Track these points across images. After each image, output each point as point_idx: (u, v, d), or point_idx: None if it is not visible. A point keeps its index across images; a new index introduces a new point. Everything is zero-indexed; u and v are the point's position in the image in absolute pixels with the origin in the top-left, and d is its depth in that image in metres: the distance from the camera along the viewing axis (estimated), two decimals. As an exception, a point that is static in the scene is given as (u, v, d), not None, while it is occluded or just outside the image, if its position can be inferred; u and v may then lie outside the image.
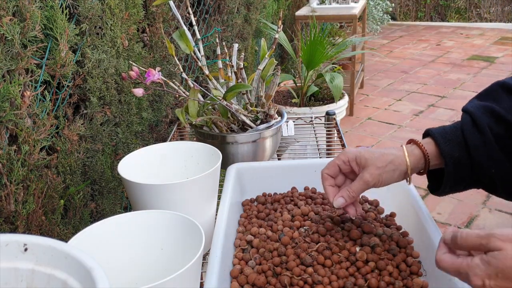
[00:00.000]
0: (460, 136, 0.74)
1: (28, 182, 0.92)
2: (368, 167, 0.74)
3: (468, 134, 0.73)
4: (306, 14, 3.47)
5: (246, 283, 0.73)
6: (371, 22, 4.74)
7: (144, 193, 0.82)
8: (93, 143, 1.16)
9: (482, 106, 0.75)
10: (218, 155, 0.92)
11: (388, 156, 0.75)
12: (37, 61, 0.96)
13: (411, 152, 0.75)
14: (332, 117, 1.50)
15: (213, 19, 2.09)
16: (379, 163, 0.74)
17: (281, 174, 0.99)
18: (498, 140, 0.72)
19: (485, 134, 0.72)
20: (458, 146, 0.73)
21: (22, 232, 0.91)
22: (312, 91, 2.57)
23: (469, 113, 0.75)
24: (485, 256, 0.53)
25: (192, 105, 1.04)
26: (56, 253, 0.45)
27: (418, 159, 0.75)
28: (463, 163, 0.73)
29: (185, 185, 0.82)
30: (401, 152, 0.76)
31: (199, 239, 0.66)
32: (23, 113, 0.90)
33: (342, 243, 0.77)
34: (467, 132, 0.73)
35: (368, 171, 0.74)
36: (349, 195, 0.75)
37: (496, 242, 0.53)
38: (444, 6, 7.01)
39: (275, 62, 1.11)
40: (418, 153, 0.75)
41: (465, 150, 0.73)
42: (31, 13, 0.89)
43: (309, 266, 0.73)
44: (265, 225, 0.85)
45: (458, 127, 0.75)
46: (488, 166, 0.72)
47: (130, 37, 1.28)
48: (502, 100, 0.74)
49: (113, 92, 1.22)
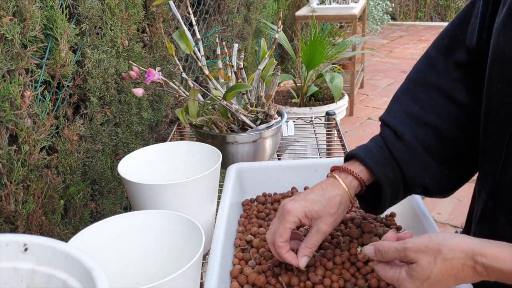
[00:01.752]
0: (387, 154, 0.72)
1: (28, 182, 0.92)
2: (321, 217, 0.70)
3: (395, 151, 0.71)
4: (306, 14, 3.47)
5: (246, 283, 0.73)
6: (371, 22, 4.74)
7: (144, 193, 0.82)
8: (93, 143, 1.16)
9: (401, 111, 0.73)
10: (218, 155, 0.92)
11: (335, 199, 0.70)
12: (37, 61, 0.96)
13: (350, 185, 0.72)
14: (332, 117, 1.50)
15: (213, 19, 2.09)
16: (331, 209, 0.70)
17: (281, 174, 0.99)
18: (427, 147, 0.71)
19: (411, 146, 0.71)
20: (389, 166, 0.71)
21: (22, 232, 0.91)
22: (312, 91, 2.57)
23: (389, 126, 0.73)
24: (407, 269, 0.57)
25: (192, 105, 1.04)
26: (56, 253, 0.45)
27: (356, 189, 0.73)
28: (398, 180, 0.72)
29: (185, 185, 0.82)
30: (341, 188, 0.71)
31: (199, 239, 0.66)
32: (23, 113, 0.90)
33: (346, 245, 0.77)
34: (392, 148, 0.72)
35: (323, 222, 0.70)
36: (310, 251, 0.70)
37: (410, 255, 0.56)
38: (444, 6, 7.01)
39: (275, 62, 1.11)
40: (356, 184, 0.72)
41: (397, 167, 0.71)
42: (31, 13, 0.89)
43: (310, 267, 0.73)
44: (265, 225, 0.85)
45: (382, 145, 0.73)
46: (422, 176, 0.71)
47: (130, 37, 1.28)
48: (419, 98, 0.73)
49: (113, 92, 1.22)
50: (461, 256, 0.53)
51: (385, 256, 0.60)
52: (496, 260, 0.52)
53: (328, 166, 0.95)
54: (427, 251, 0.55)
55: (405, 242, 0.57)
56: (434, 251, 0.55)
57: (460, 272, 0.54)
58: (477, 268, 0.53)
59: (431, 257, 0.55)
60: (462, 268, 0.54)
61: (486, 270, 0.53)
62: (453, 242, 0.55)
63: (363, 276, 0.72)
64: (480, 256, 0.52)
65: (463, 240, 0.54)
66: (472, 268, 0.53)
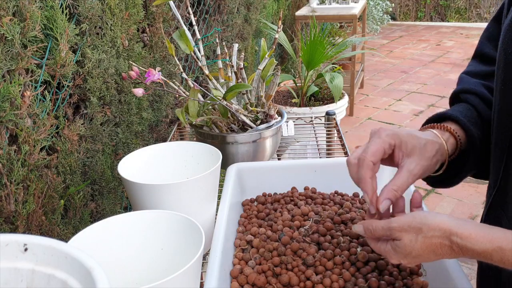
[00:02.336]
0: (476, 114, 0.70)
1: (28, 182, 0.92)
2: (415, 156, 0.63)
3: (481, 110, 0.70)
4: (306, 14, 3.47)
5: (246, 283, 0.73)
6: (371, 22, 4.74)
7: (144, 193, 0.82)
8: (93, 143, 1.16)
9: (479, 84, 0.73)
10: (218, 155, 0.92)
11: (435, 145, 0.64)
12: (37, 61, 0.96)
13: (448, 141, 0.67)
14: (332, 117, 1.50)
15: (213, 19, 2.09)
16: (428, 152, 0.63)
17: (281, 174, 0.99)
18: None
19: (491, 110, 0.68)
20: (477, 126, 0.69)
21: (22, 232, 0.91)
22: (312, 91, 2.57)
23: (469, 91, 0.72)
24: (393, 244, 0.61)
25: (192, 105, 1.04)
26: (56, 253, 0.45)
27: (452, 149, 0.68)
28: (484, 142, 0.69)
29: (185, 185, 0.82)
30: (441, 140, 0.66)
31: (199, 239, 0.66)
32: (23, 113, 0.90)
33: (346, 245, 0.77)
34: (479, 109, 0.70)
35: (416, 162, 0.63)
36: (395, 195, 0.62)
37: (395, 234, 0.60)
38: (444, 6, 7.01)
39: (275, 62, 1.11)
40: (452, 142, 0.67)
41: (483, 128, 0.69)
42: (31, 13, 0.89)
43: (310, 266, 0.73)
44: (265, 225, 0.85)
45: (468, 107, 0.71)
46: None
47: (130, 37, 1.28)
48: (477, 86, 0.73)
49: (113, 92, 1.22)
50: (439, 235, 0.57)
51: (373, 233, 0.63)
52: (469, 241, 0.54)
53: (328, 166, 0.95)
54: (409, 230, 0.59)
55: (390, 222, 0.61)
56: (416, 230, 0.58)
57: (439, 249, 0.57)
58: (453, 247, 0.56)
59: (413, 235, 0.58)
60: (440, 246, 0.57)
61: (461, 249, 0.55)
62: (434, 221, 0.57)
63: (363, 276, 0.72)
64: (455, 236, 0.55)
65: (443, 220, 0.57)
66: (449, 247, 0.56)
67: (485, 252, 0.53)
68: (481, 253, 0.54)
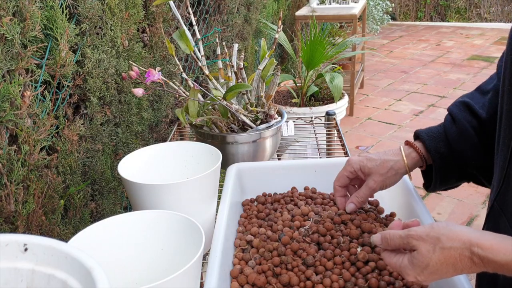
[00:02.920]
0: (442, 132, 0.81)
1: (28, 182, 0.92)
2: (372, 174, 0.82)
3: (448, 129, 0.80)
4: (306, 14, 3.47)
5: (246, 283, 0.73)
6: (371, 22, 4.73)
7: (144, 193, 0.82)
8: (93, 143, 1.16)
9: (459, 102, 0.82)
10: (218, 155, 0.92)
11: (388, 163, 0.82)
12: (37, 61, 0.96)
13: (409, 155, 0.82)
14: (332, 117, 1.50)
15: (213, 19, 2.09)
16: (381, 170, 0.81)
17: (281, 174, 0.99)
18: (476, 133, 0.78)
19: (461, 126, 0.78)
20: (442, 141, 0.80)
21: (22, 232, 0.91)
22: (312, 91, 2.57)
23: (449, 112, 0.83)
24: (409, 257, 0.59)
25: (192, 105, 1.04)
26: (56, 253, 0.45)
27: (416, 161, 0.82)
28: (448, 156, 0.79)
29: (185, 185, 0.82)
30: (399, 157, 0.82)
31: (199, 239, 0.66)
32: (23, 113, 0.90)
33: (346, 245, 0.77)
34: (447, 127, 0.81)
35: (372, 179, 0.82)
36: (358, 200, 0.84)
37: (412, 242, 0.59)
38: (444, 6, 7.01)
39: (275, 62, 1.11)
40: (415, 156, 0.82)
41: (448, 144, 0.79)
42: (31, 13, 0.89)
43: (310, 266, 0.73)
44: (265, 225, 0.85)
45: (441, 125, 0.83)
46: (468, 157, 0.78)
47: (130, 37, 1.28)
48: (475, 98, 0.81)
49: (113, 92, 1.22)
50: (458, 246, 0.55)
51: (390, 243, 0.62)
52: (491, 252, 0.53)
53: (328, 166, 0.96)
54: (427, 239, 0.57)
55: (409, 230, 0.60)
56: (434, 240, 0.56)
57: (458, 262, 0.55)
58: (473, 259, 0.54)
59: (431, 245, 0.56)
60: (460, 258, 0.55)
61: (482, 261, 0.53)
62: (453, 232, 0.56)
63: (363, 276, 0.72)
64: (476, 247, 0.53)
65: (463, 231, 0.56)
66: (469, 258, 0.54)
67: (508, 264, 0.52)
68: (504, 264, 0.52)
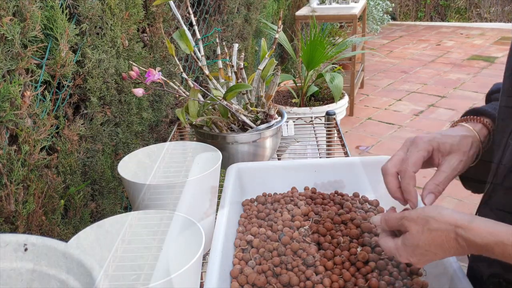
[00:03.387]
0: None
1: (28, 182, 0.92)
2: (453, 153, 0.66)
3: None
4: (306, 14, 3.47)
5: (246, 283, 0.73)
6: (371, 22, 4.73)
7: (144, 193, 0.82)
8: (93, 143, 1.16)
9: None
10: (218, 155, 0.92)
11: (468, 139, 0.67)
12: (37, 61, 0.96)
13: (480, 131, 0.69)
14: (332, 117, 1.50)
15: (213, 19, 2.09)
16: (464, 147, 0.66)
17: (281, 174, 0.99)
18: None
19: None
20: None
21: (22, 232, 0.91)
22: (312, 91, 2.57)
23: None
24: (402, 238, 0.61)
25: (192, 105, 1.04)
26: (56, 253, 0.45)
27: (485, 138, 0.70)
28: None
29: (185, 185, 0.82)
30: (473, 132, 0.69)
31: (199, 239, 0.66)
32: (23, 113, 0.90)
33: (346, 245, 0.77)
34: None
35: (456, 158, 0.66)
36: (438, 189, 0.66)
37: (405, 223, 0.60)
38: (444, 6, 7.01)
39: (275, 62, 1.11)
40: (485, 133, 0.69)
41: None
42: (31, 13, 0.89)
43: (310, 266, 0.73)
44: (265, 225, 0.85)
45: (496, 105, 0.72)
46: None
47: (130, 37, 1.28)
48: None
49: (113, 92, 1.22)
50: (444, 227, 0.56)
51: (388, 223, 0.64)
52: (473, 233, 0.54)
53: (328, 166, 0.95)
54: (418, 220, 0.59)
55: (404, 212, 0.62)
56: (423, 221, 0.59)
57: (445, 243, 0.56)
58: (458, 240, 0.55)
59: (420, 226, 0.59)
60: (446, 240, 0.56)
61: (465, 242, 0.55)
62: (441, 215, 0.57)
63: (363, 276, 0.72)
64: (461, 229, 0.55)
65: (450, 214, 0.57)
66: (455, 240, 0.56)
67: (487, 245, 0.53)
68: (483, 246, 0.54)
